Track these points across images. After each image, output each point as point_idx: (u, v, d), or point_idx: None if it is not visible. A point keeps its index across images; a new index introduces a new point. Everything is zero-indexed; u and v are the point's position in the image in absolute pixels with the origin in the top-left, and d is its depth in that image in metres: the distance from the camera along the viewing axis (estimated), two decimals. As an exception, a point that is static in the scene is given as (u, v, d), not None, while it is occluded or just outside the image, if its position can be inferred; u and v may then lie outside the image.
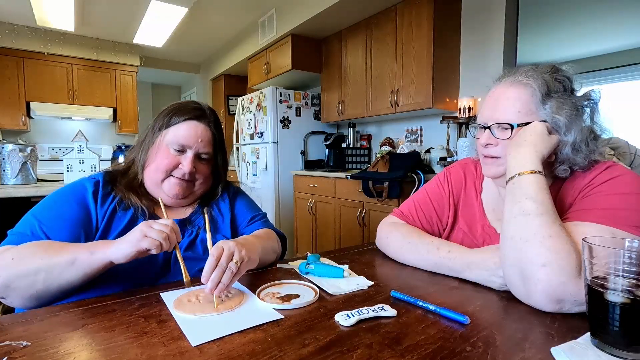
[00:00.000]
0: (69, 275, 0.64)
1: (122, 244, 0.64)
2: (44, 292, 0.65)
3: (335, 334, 0.51)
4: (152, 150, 0.86)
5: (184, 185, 0.85)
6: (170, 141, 0.84)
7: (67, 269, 0.64)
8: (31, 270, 0.63)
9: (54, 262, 0.64)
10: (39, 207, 0.78)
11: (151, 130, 0.88)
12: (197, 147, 0.85)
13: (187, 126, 0.85)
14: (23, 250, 0.66)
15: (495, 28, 2.42)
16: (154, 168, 0.84)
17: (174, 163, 0.84)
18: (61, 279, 0.64)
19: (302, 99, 3.72)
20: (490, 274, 0.67)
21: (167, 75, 6.02)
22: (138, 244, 0.63)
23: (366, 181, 2.56)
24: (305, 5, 3.14)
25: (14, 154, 2.04)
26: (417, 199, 0.95)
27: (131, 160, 0.90)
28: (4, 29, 4.17)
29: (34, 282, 0.63)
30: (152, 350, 0.46)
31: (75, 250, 0.65)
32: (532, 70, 0.73)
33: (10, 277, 0.63)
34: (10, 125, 4.35)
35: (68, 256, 0.64)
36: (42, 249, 0.66)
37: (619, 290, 0.44)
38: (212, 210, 0.93)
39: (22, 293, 0.64)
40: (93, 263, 0.64)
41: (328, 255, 0.90)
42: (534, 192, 0.63)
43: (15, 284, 0.63)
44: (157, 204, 0.87)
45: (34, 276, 0.63)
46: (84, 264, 0.64)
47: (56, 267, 0.64)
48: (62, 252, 0.65)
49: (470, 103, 2.44)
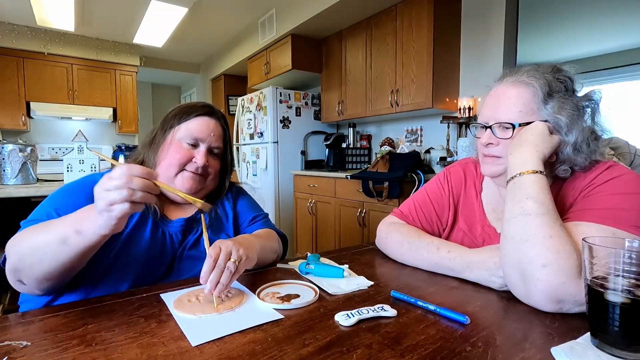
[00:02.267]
0: (65, 252, 0.59)
1: (99, 219, 0.55)
2: (50, 273, 0.61)
3: (335, 334, 0.51)
4: (162, 148, 0.86)
5: (197, 179, 0.85)
6: (183, 136, 0.85)
7: (59, 248, 0.58)
8: (29, 250, 0.60)
9: (45, 240, 0.59)
10: (54, 196, 0.76)
11: (160, 130, 0.88)
12: (209, 140, 0.86)
13: (199, 121, 0.86)
14: (26, 232, 0.64)
15: (495, 28, 2.42)
16: (166, 164, 0.84)
17: (187, 157, 0.84)
18: (58, 258, 0.60)
19: (302, 99, 3.72)
20: (491, 274, 0.67)
21: (167, 75, 6.02)
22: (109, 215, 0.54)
23: (366, 181, 2.56)
24: (305, 5, 3.14)
25: (14, 154, 2.04)
26: (417, 199, 0.95)
27: (140, 161, 0.89)
28: (4, 29, 4.17)
29: (32, 263, 0.60)
30: (152, 350, 0.46)
31: (62, 227, 0.59)
32: (534, 70, 0.73)
33: (15, 259, 0.61)
34: (10, 125, 4.35)
35: (57, 235, 0.58)
36: (36, 228, 0.63)
37: (619, 290, 0.44)
38: (217, 208, 0.93)
39: (28, 274, 0.62)
40: (86, 242, 0.58)
41: (328, 255, 0.90)
42: (535, 192, 0.63)
43: (21, 266, 0.62)
44: (167, 203, 0.88)
45: (32, 257, 0.60)
46: (76, 243, 0.58)
47: (48, 246, 0.59)
48: (52, 230, 0.60)
49: (470, 103, 2.44)
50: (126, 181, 0.54)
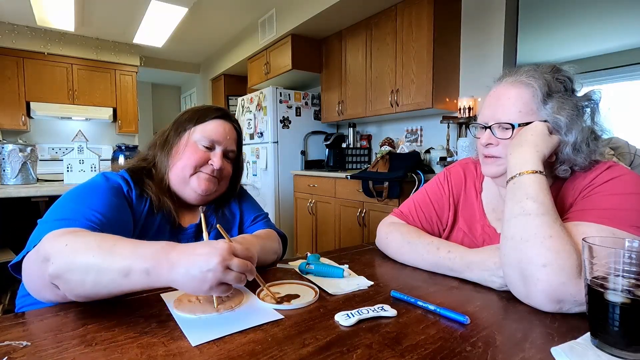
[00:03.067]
0: (121, 285, 0.54)
1: (193, 281, 0.51)
2: (93, 295, 0.57)
3: (335, 334, 0.51)
4: (176, 149, 0.86)
5: (213, 180, 0.85)
6: (199, 138, 0.85)
7: (119, 279, 0.54)
8: (82, 266, 0.54)
9: (106, 266, 0.54)
10: (72, 195, 0.70)
11: (174, 132, 0.87)
12: (225, 143, 0.87)
13: (216, 123, 0.87)
14: (79, 239, 0.58)
15: (495, 28, 2.42)
16: (181, 166, 0.84)
17: (203, 158, 0.84)
18: (111, 287, 0.55)
19: (302, 99, 3.72)
20: (491, 274, 0.67)
21: (167, 75, 6.02)
22: (211, 288, 0.52)
23: (366, 181, 2.56)
24: (305, 5, 3.15)
25: (14, 154, 2.04)
26: (417, 199, 0.95)
27: (151, 162, 0.88)
28: (4, 29, 4.18)
29: (83, 281, 0.55)
30: (152, 350, 0.46)
31: (130, 259, 0.54)
32: (533, 70, 0.73)
33: (62, 268, 0.55)
34: (10, 125, 4.36)
35: (122, 265, 0.53)
36: (96, 243, 0.56)
37: (619, 290, 0.44)
38: (224, 210, 0.94)
39: (72, 287, 0.56)
40: (149, 283, 0.54)
41: (328, 255, 0.90)
42: (535, 192, 0.63)
43: (67, 277, 0.55)
44: (180, 208, 0.87)
45: (84, 275, 0.54)
46: (138, 281, 0.54)
47: (108, 273, 0.54)
48: (117, 256, 0.54)
49: (470, 103, 2.44)
50: (240, 277, 0.54)
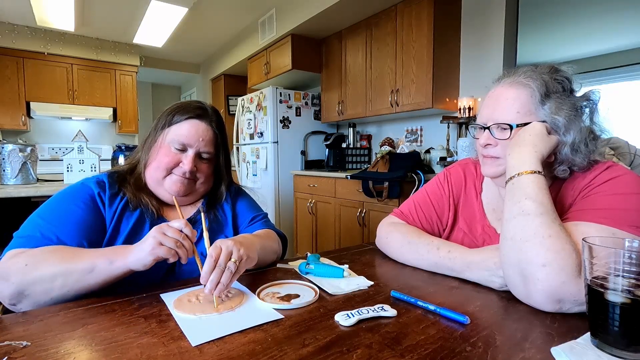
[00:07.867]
0: (88, 282, 0.63)
1: (140, 252, 0.62)
2: (60, 298, 0.63)
3: (335, 334, 0.51)
4: (154, 148, 0.86)
5: (185, 182, 0.85)
6: (172, 140, 0.84)
7: (85, 276, 0.62)
8: (47, 276, 0.62)
9: (72, 268, 0.62)
10: (43, 209, 0.76)
11: (154, 129, 0.88)
12: (198, 146, 0.85)
13: (188, 125, 0.85)
14: (37, 256, 0.64)
15: (495, 28, 2.42)
16: (155, 166, 0.85)
17: (175, 161, 0.84)
18: (79, 286, 0.63)
19: (302, 99, 3.72)
20: (491, 274, 0.67)
21: (167, 75, 6.02)
22: (154, 252, 0.61)
23: (366, 181, 2.56)
24: (305, 5, 3.14)
25: (14, 154, 2.04)
26: (417, 199, 0.95)
27: (137, 160, 0.90)
28: (4, 29, 4.17)
29: (50, 288, 0.62)
30: (152, 350, 0.46)
31: (93, 257, 0.64)
32: (531, 70, 0.73)
33: (25, 284, 0.61)
34: (10, 125, 4.36)
35: (86, 263, 0.63)
36: (57, 255, 0.65)
37: (619, 290, 0.44)
38: (216, 211, 0.93)
39: (37, 299, 0.63)
40: (112, 271, 0.63)
41: (328, 255, 0.90)
42: (534, 192, 0.63)
43: (30, 290, 0.62)
44: (164, 204, 0.88)
45: (51, 283, 0.62)
46: (103, 272, 0.63)
47: (74, 274, 0.62)
48: (79, 258, 0.63)
49: (470, 103, 2.44)
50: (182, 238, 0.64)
